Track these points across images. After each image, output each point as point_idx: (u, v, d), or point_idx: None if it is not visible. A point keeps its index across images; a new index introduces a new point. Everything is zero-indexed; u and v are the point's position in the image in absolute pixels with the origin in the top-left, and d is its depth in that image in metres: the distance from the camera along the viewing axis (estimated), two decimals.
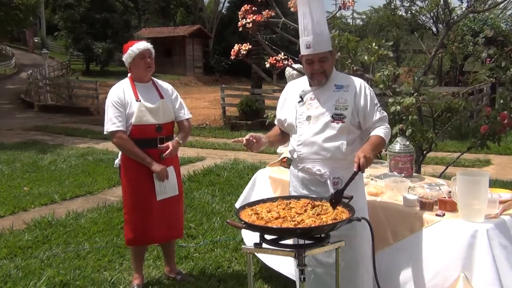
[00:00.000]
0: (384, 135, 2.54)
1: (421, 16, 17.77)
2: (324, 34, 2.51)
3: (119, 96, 3.30)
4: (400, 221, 2.65)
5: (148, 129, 3.28)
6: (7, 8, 19.90)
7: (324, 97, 2.59)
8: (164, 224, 3.42)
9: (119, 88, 3.36)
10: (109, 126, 3.27)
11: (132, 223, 3.42)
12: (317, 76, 2.58)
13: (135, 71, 3.38)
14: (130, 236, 3.44)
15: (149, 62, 3.35)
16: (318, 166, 2.58)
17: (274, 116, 5.12)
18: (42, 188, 6.59)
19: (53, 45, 41.92)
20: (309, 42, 2.51)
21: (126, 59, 3.34)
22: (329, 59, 2.56)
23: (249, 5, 4.04)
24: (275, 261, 3.43)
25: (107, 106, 3.31)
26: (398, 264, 2.63)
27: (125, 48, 3.36)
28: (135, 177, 3.36)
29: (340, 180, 2.52)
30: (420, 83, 4.20)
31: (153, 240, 3.59)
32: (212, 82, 33.27)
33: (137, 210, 3.39)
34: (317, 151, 2.56)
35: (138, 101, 3.29)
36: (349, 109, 2.54)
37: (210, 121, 15.23)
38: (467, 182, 2.38)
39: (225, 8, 39.42)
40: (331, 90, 2.59)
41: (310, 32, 2.50)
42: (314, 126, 2.57)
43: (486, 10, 12.11)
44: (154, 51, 3.42)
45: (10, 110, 19.23)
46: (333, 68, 2.65)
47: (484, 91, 12.33)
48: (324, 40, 2.52)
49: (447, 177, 3.80)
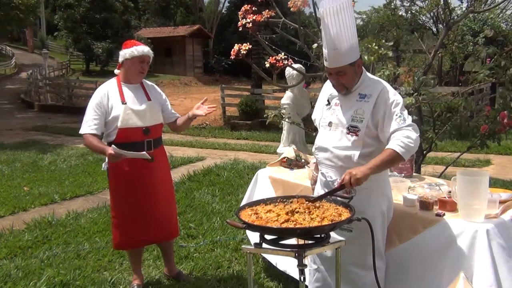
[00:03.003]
0: (400, 147, 2.31)
1: (421, 16, 17.74)
2: (341, 49, 2.38)
3: (102, 100, 3.23)
4: (401, 222, 2.64)
5: (135, 132, 3.21)
6: (7, 8, 19.88)
7: (347, 106, 2.53)
8: (154, 225, 3.36)
9: (103, 90, 3.28)
10: (85, 128, 3.20)
11: (120, 227, 3.36)
12: (336, 87, 2.55)
13: (127, 71, 3.30)
14: (117, 241, 3.40)
15: (144, 69, 3.32)
16: (331, 173, 2.58)
17: (275, 116, 5.15)
18: (42, 188, 6.59)
19: (53, 45, 41.96)
20: (326, 56, 2.46)
21: (124, 54, 3.25)
22: (347, 73, 2.45)
23: (249, 5, 4.04)
24: (281, 261, 3.43)
25: (88, 108, 3.24)
26: (402, 266, 2.62)
27: (128, 44, 3.30)
28: (122, 180, 3.30)
29: (352, 189, 2.43)
30: (420, 83, 4.20)
31: (144, 243, 3.53)
32: (212, 82, 33.26)
33: (125, 213, 3.34)
34: (330, 158, 2.55)
35: (124, 104, 3.22)
36: (364, 122, 2.44)
37: (210, 121, 15.22)
38: (467, 182, 2.38)
39: (225, 8, 39.45)
40: (354, 99, 2.51)
41: (326, 46, 2.44)
42: (333, 133, 2.54)
43: (486, 10, 12.11)
44: (151, 59, 3.37)
45: (10, 110, 19.24)
46: (356, 78, 2.50)
47: (484, 91, 12.33)
48: (341, 55, 2.40)
49: (447, 177, 3.80)
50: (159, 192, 3.38)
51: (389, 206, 2.62)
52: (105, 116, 3.22)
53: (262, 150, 9.83)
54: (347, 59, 2.42)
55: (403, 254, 2.62)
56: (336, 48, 2.39)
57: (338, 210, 2.26)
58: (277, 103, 12.30)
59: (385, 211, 2.58)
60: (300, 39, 4.25)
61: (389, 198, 2.62)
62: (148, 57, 3.31)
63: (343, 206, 2.30)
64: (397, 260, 2.64)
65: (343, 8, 2.35)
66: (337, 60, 2.42)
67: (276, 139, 9.64)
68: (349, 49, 2.40)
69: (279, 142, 7.04)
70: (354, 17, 2.46)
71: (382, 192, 2.57)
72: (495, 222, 2.38)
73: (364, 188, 2.40)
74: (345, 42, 2.38)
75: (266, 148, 10.02)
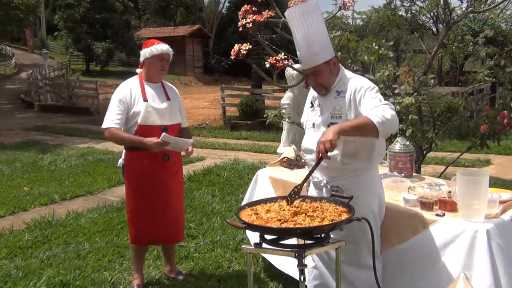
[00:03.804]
0: (376, 117, 2.23)
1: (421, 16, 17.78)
2: (313, 49, 2.43)
3: (126, 95, 3.30)
4: (401, 222, 2.64)
5: (154, 130, 3.27)
6: (7, 8, 19.89)
7: (326, 105, 2.57)
8: (166, 225, 3.43)
9: (126, 86, 3.36)
10: (108, 122, 3.26)
11: (135, 223, 3.43)
12: (315, 88, 2.59)
13: (148, 69, 3.38)
14: (134, 234, 3.45)
15: (165, 67, 3.39)
16: (318, 173, 2.61)
17: (275, 116, 5.15)
18: (42, 188, 6.59)
19: (53, 45, 41.97)
20: (300, 58, 2.52)
21: (145, 54, 3.33)
22: (323, 72, 2.48)
23: (249, 5, 4.03)
24: (281, 261, 3.43)
25: (111, 102, 3.32)
26: (401, 266, 2.62)
27: (147, 43, 3.37)
28: (138, 177, 3.36)
29: (339, 189, 2.49)
30: (420, 83, 4.20)
31: (158, 240, 3.59)
32: (212, 82, 33.28)
33: (140, 210, 3.40)
34: (315, 159, 2.55)
35: (146, 101, 3.29)
36: (343, 117, 2.46)
37: (210, 121, 15.24)
38: (467, 182, 2.37)
39: (225, 8, 39.48)
40: (332, 97, 2.54)
41: (299, 48, 2.49)
42: (316, 134, 2.56)
43: (486, 10, 12.11)
44: (171, 57, 3.43)
45: (10, 110, 19.24)
46: (333, 76, 2.53)
47: (484, 91, 12.34)
48: (314, 54, 2.45)
49: (447, 177, 3.80)
50: (171, 191, 3.45)
51: (381, 206, 2.62)
52: (127, 111, 3.29)
53: (262, 150, 9.83)
54: (320, 58, 2.46)
55: (402, 254, 2.62)
56: (308, 49, 2.45)
57: (338, 210, 2.26)
58: (277, 103, 12.30)
59: (377, 211, 2.58)
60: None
61: (380, 197, 2.62)
62: (167, 55, 3.37)
63: (343, 206, 2.30)
64: (396, 260, 2.64)
65: (309, 11, 2.43)
66: (310, 60, 2.47)
67: (276, 139, 9.64)
68: (321, 48, 2.46)
69: (279, 142, 7.04)
70: (322, 18, 2.51)
71: (372, 192, 2.57)
72: (495, 222, 2.38)
73: (353, 189, 2.43)
74: (316, 42, 2.44)
75: (266, 148, 10.02)
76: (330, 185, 2.55)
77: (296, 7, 2.47)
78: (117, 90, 3.37)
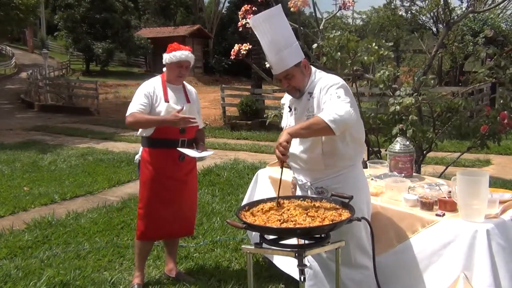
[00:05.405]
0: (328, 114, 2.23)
1: (421, 16, 17.77)
2: (282, 53, 2.43)
3: (150, 91, 3.36)
4: (401, 222, 2.65)
5: (172, 130, 3.33)
6: (7, 8, 19.87)
7: (301, 108, 2.57)
8: (180, 219, 3.49)
9: (150, 85, 3.42)
10: (133, 108, 3.29)
11: (147, 218, 3.46)
12: (290, 92, 2.59)
13: (168, 73, 3.46)
14: (143, 230, 3.47)
15: (183, 73, 3.43)
16: (301, 176, 2.63)
17: (275, 116, 5.15)
18: (42, 188, 6.59)
19: (53, 45, 41.98)
20: (270, 63, 2.51)
21: (165, 59, 3.40)
22: (295, 74, 2.47)
23: (249, 5, 4.04)
24: (281, 260, 3.43)
25: (137, 94, 3.36)
26: (401, 266, 2.62)
27: (170, 48, 3.42)
28: (154, 173, 3.41)
29: (325, 190, 2.51)
30: (420, 83, 4.21)
31: (169, 235, 3.63)
32: (212, 82, 33.26)
33: (153, 205, 3.44)
34: (297, 162, 2.60)
35: (167, 102, 3.36)
36: None
37: (210, 121, 15.23)
38: (467, 182, 2.38)
39: (225, 8, 39.43)
40: (306, 99, 2.54)
41: (267, 53, 2.48)
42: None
43: (486, 10, 12.11)
44: (193, 62, 3.47)
45: (10, 110, 19.24)
46: (305, 78, 2.53)
47: (484, 91, 12.33)
48: (283, 58, 2.44)
49: (447, 177, 3.80)
50: (185, 188, 3.51)
51: (367, 202, 2.64)
52: (150, 107, 3.33)
53: (262, 150, 9.82)
54: (290, 61, 2.45)
55: (402, 254, 2.62)
56: (276, 53, 2.44)
57: (338, 210, 2.26)
58: (277, 103, 12.28)
59: (364, 208, 2.59)
60: (300, 39, 4.25)
61: (366, 193, 2.64)
62: (187, 62, 3.40)
63: (343, 206, 2.30)
64: (396, 260, 2.64)
65: (273, 15, 2.43)
66: (280, 64, 2.46)
67: (276, 139, 9.61)
68: (290, 51, 2.45)
69: None
70: (287, 22, 2.51)
71: (358, 189, 2.55)
72: (495, 222, 2.38)
73: (338, 188, 2.44)
74: (284, 46, 2.43)
75: (266, 148, 10.02)
76: (315, 186, 2.57)
77: (259, 14, 2.47)
78: (141, 86, 3.43)
